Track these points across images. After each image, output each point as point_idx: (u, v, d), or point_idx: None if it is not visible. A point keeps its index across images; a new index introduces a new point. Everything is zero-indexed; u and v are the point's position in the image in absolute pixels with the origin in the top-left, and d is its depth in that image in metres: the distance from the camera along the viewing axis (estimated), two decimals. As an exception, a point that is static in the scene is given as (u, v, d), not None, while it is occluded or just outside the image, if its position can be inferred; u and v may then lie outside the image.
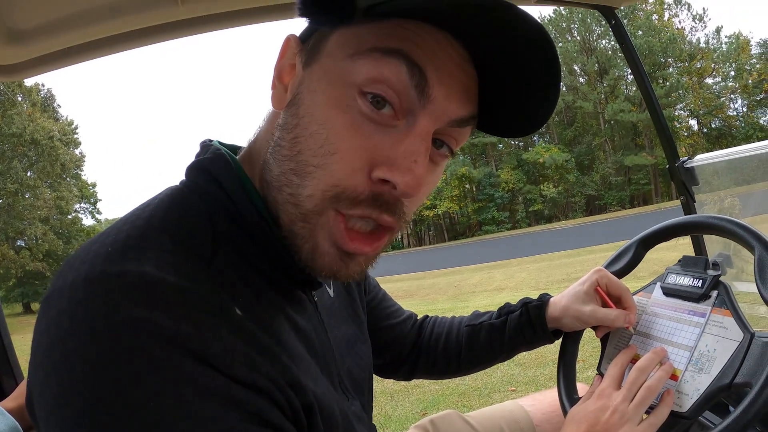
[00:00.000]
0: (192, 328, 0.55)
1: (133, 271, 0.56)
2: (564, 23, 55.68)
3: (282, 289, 0.74)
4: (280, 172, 0.68)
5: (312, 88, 0.67)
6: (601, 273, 1.17)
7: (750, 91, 48.80)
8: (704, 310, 1.05)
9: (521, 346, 1.25)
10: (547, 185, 54.48)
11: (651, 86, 1.92)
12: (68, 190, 38.75)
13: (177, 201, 0.69)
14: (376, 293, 1.25)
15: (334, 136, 0.64)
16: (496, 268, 17.30)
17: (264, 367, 0.60)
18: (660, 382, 0.97)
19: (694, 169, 1.94)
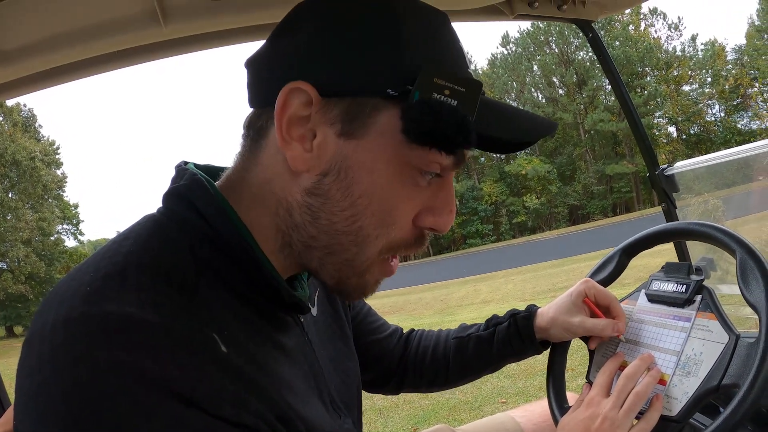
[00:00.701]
0: (177, 370, 0.54)
1: (115, 313, 0.55)
2: (542, 36, 56.22)
3: (268, 313, 0.74)
4: (335, 242, 0.71)
5: (368, 167, 0.68)
6: (589, 284, 1.19)
7: (727, 96, 49.52)
8: (689, 314, 1.06)
9: (509, 357, 1.25)
10: (529, 197, 54.72)
11: (629, 96, 1.95)
12: (50, 211, 38.43)
13: (155, 232, 0.68)
14: (361, 308, 1.25)
15: (397, 211, 0.71)
16: (482, 281, 17.33)
17: (252, 405, 0.60)
18: (648, 387, 0.98)
19: (674, 176, 1.97)
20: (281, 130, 0.68)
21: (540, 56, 57.04)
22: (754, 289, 0.97)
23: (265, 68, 0.73)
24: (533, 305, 1.27)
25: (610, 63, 1.92)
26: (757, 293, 0.97)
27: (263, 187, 0.73)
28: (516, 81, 57.82)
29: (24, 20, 1.18)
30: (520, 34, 57.96)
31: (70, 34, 1.25)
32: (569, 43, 54.41)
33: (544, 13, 1.76)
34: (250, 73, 0.75)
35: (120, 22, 1.26)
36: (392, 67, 0.65)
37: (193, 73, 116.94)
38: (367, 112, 0.66)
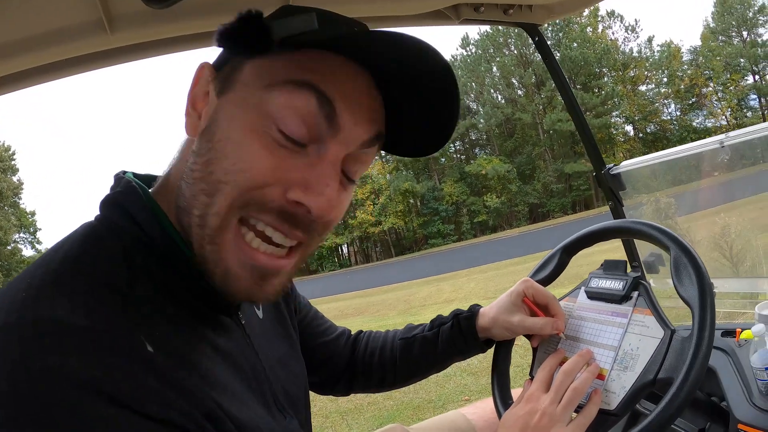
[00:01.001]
0: (104, 372, 0.56)
1: (47, 318, 0.57)
2: (501, 38, 56.77)
3: (204, 316, 0.75)
4: (192, 195, 0.70)
5: (229, 115, 0.70)
6: (528, 283, 1.21)
7: (682, 95, 50.89)
8: (626, 310, 1.10)
9: (454, 356, 1.28)
10: (490, 196, 55.16)
11: (575, 98, 1.98)
12: (6, 220, 37.48)
13: (91, 239, 0.70)
14: (307, 312, 1.27)
15: (248, 156, 0.67)
16: (445, 281, 17.39)
17: (177, 403, 0.61)
18: (586, 382, 1.01)
19: (620, 175, 2.01)
20: (187, 105, 0.73)
21: (499, 58, 57.69)
22: (687, 286, 1.01)
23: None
24: (476, 305, 1.30)
25: (555, 65, 1.96)
26: (689, 289, 1.00)
27: (175, 171, 0.76)
28: (475, 82, 58.25)
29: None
30: (480, 36, 58.51)
31: (16, 43, 1.24)
32: (528, 45, 55.01)
33: (490, 18, 1.79)
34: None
35: (66, 30, 1.25)
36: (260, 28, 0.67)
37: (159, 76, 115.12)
38: (237, 67, 0.72)
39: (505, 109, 56.77)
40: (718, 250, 2.83)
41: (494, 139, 59.62)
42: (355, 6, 1.49)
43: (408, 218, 57.37)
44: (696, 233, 2.72)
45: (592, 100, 51.04)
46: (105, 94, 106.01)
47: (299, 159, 0.69)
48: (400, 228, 58.93)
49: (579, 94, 50.91)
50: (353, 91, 0.72)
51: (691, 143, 1.87)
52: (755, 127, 1.61)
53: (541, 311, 1.19)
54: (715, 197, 2.56)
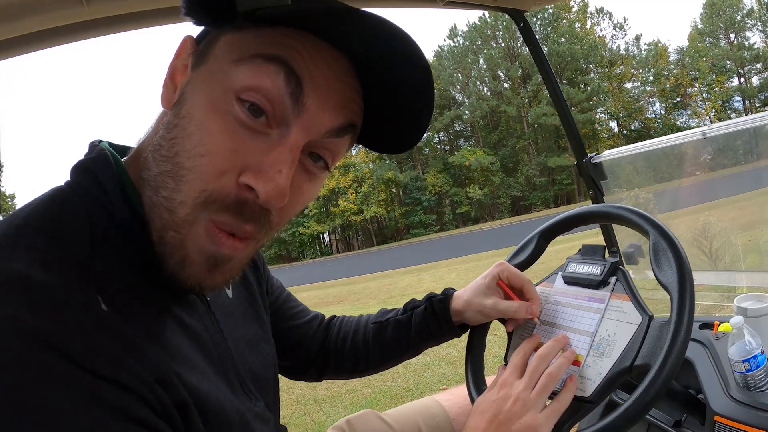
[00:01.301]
0: (54, 325, 0.55)
1: (2, 269, 0.56)
2: (489, 30, 56.85)
3: (168, 289, 0.73)
4: (158, 173, 0.68)
5: (195, 89, 0.68)
6: (503, 266, 1.20)
7: (667, 94, 51.43)
8: (603, 296, 1.08)
9: (428, 340, 1.25)
10: (473, 187, 55.37)
11: (558, 86, 1.97)
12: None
13: (57, 201, 0.68)
14: (280, 294, 1.24)
15: (208, 138, 0.65)
16: (426, 270, 17.43)
17: (128, 363, 0.59)
18: (561, 368, 0.99)
19: (602, 164, 2.01)
20: (166, 77, 0.72)
21: (487, 50, 57.68)
22: (666, 270, 0.99)
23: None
24: (450, 288, 1.27)
25: (540, 53, 1.94)
26: (668, 274, 0.98)
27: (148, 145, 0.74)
28: (462, 74, 58.29)
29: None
30: (468, 27, 58.50)
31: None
32: (516, 38, 55.16)
33: (475, 1, 1.76)
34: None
35: (40, 1, 1.22)
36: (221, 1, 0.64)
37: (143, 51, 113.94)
38: (212, 41, 0.70)
39: (491, 102, 56.90)
40: (697, 247, 2.85)
41: (479, 130, 59.79)
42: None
43: (390, 207, 57.48)
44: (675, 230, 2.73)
45: (577, 95, 51.29)
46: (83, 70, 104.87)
47: (259, 141, 0.67)
48: (382, 217, 59.06)
49: (565, 89, 51.16)
50: (325, 73, 0.68)
51: (674, 134, 1.86)
52: (737, 119, 1.61)
53: (516, 295, 1.18)
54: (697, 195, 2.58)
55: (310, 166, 0.73)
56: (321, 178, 0.76)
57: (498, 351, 4.34)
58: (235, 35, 0.67)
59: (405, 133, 0.80)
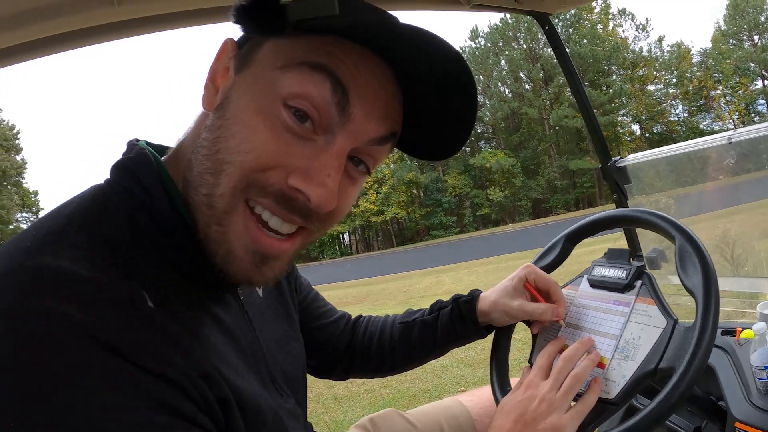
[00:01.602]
0: (101, 319, 0.56)
1: (48, 265, 0.57)
2: (510, 32, 56.65)
3: (204, 287, 0.75)
4: (198, 172, 0.70)
5: (241, 93, 0.69)
6: (530, 268, 1.21)
7: (690, 97, 50.69)
8: (629, 299, 1.09)
9: (454, 341, 1.27)
10: (493, 189, 55.12)
11: (583, 89, 1.97)
12: (9, 199, 37.53)
13: (98, 200, 0.70)
14: (308, 293, 1.26)
15: (254, 137, 0.67)
16: (445, 272, 17.39)
17: (174, 359, 0.61)
18: (586, 370, 1.00)
19: (626, 168, 2.01)
20: (207, 79, 0.73)
21: (508, 51, 57.45)
22: (692, 275, 1.00)
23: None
24: (477, 290, 1.29)
25: (565, 56, 1.95)
26: (694, 278, 0.99)
27: (190, 147, 0.75)
28: (483, 75, 58.08)
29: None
30: (490, 28, 58.30)
31: (20, 14, 1.23)
32: (537, 39, 54.88)
33: (501, 4, 1.77)
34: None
35: (72, 2, 1.24)
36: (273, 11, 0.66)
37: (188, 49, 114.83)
38: (256, 46, 0.71)
39: (512, 103, 56.66)
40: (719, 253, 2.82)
41: (500, 132, 59.54)
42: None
43: (410, 209, 57.40)
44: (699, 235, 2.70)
45: (599, 97, 50.86)
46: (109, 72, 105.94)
47: (305, 146, 0.68)
48: (402, 218, 58.99)
49: (587, 91, 50.14)
50: (370, 83, 0.70)
51: (698, 138, 1.85)
52: (764, 124, 1.60)
53: (543, 297, 1.18)
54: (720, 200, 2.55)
55: (352, 171, 0.75)
56: (361, 181, 0.78)
57: (518, 354, 4.33)
58: (280, 42, 0.69)
59: (447, 139, 0.82)
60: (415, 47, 0.68)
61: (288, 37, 0.67)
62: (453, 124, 0.79)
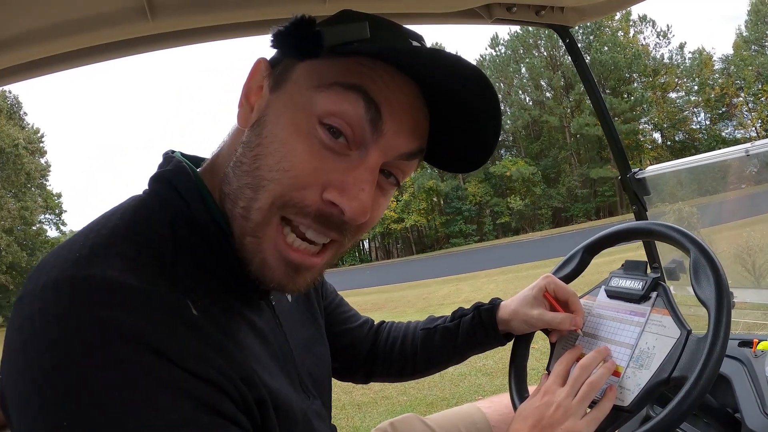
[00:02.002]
0: (151, 326, 0.60)
1: (99, 275, 0.61)
2: (531, 39, 56.44)
3: (240, 293, 0.80)
4: (238, 186, 0.74)
5: (277, 111, 0.73)
6: (549, 279, 1.24)
7: (712, 104, 49.97)
8: (644, 310, 1.11)
9: (474, 348, 1.30)
10: (514, 198, 54.87)
11: (603, 101, 1.99)
12: (33, 201, 37.94)
13: (140, 211, 0.74)
14: (333, 298, 1.30)
15: (292, 155, 0.71)
16: (464, 281, 17.35)
17: (217, 362, 0.65)
18: (602, 378, 1.03)
19: (645, 179, 2.02)
20: (242, 97, 0.77)
21: (528, 59, 57.29)
22: (705, 287, 1.03)
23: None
24: (497, 298, 1.32)
25: (585, 68, 1.96)
26: (707, 290, 1.02)
27: (224, 158, 0.80)
28: (504, 83, 57.90)
29: (12, 12, 1.20)
30: (510, 36, 58.17)
31: (58, 26, 1.28)
32: (558, 47, 54.59)
33: (522, 18, 1.80)
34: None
35: (108, 15, 1.29)
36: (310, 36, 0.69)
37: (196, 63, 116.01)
38: (290, 66, 0.75)
39: (533, 111, 56.43)
40: (740, 264, 2.80)
41: (520, 140, 59.30)
42: (389, 2, 1.51)
43: (431, 216, 57.29)
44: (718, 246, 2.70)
45: (620, 105, 50.44)
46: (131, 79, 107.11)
47: (340, 161, 0.72)
48: (422, 226, 58.89)
49: (608, 98, 50.32)
50: (400, 101, 0.74)
51: (717, 150, 1.87)
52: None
53: (562, 307, 1.21)
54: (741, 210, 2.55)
55: (383, 182, 0.79)
56: (391, 192, 0.83)
57: (536, 364, 4.32)
58: (314, 63, 0.73)
59: (471, 155, 0.85)
60: (443, 69, 0.72)
61: (321, 58, 0.71)
62: (477, 142, 0.83)
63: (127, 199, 0.78)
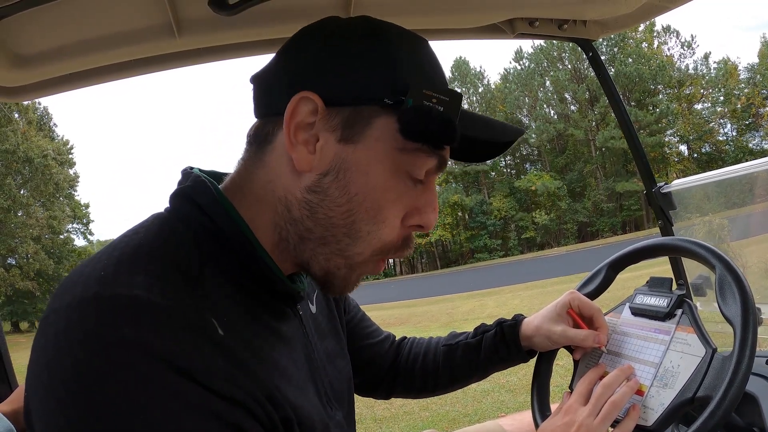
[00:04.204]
0: (177, 347, 0.60)
1: (124, 294, 0.61)
2: (555, 52, 56.32)
3: (266, 303, 0.80)
4: (330, 234, 0.78)
5: (364, 169, 0.76)
6: (573, 295, 1.22)
7: (739, 115, 49.32)
8: (669, 328, 1.09)
9: (497, 364, 1.28)
10: (539, 212, 54.60)
11: (627, 114, 1.97)
12: (61, 210, 38.58)
13: (163, 227, 0.75)
14: (356, 313, 1.29)
15: (388, 211, 0.78)
16: (489, 296, 17.28)
17: (243, 382, 0.65)
18: (625, 397, 1.01)
19: (671, 194, 1.99)
20: (289, 135, 0.76)
21: (553, 72, 57.15)
22: (731, 304, 1.00)
23: (274, 81, 0.81)
24: (520, 315, 1.30)
25: (609, 81, 1.95)
26: (732, 308, 1.00)
27: (265, 187, 0.80)
28: (528, 96, 57.87)
29: (44, 28, 1.24)
30: (534, 49, 58.15)
31: (87, 42, 1.30)
32: (582, 59, 54.32)
33: (545, 33, 1.79)
34: (257, 86, 0.84)
35: (135, 32, 1.31)
36: (387, 81, 0.75)
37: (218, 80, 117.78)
38: (364, 119, 0.75)
39: (558, 125, 56.25)
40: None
41: (545, 154, 59.14)
42: (413, 18, 1.51)
43: (455, 231, 57.25)
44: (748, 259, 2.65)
45: (646, 117, 50.08)
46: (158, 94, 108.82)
47: (414, 191, 0.80)
48: (446, 240, 58.85)
49: (633, 111, 50.00)
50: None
51: (744, 163, 1.83)
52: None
53: (586, 324, 1.20)
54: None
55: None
56: None
57: (560, 381, 4.28)
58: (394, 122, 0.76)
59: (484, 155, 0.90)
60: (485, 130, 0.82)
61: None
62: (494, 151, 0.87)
63: (148, 218, 0.79)
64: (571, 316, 1.21)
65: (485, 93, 60.91)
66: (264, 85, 0.83)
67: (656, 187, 1.99)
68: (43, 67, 1.35)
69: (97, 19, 1.26)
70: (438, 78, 0.81)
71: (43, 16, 1.19)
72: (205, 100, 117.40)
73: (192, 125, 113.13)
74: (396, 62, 0.76)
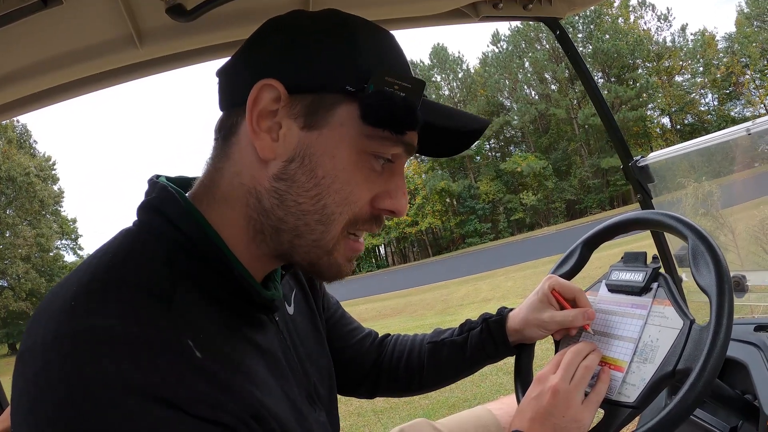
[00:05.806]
0: (158, 377, 0.60)
1: (100, 326, 0.60)
2: (532, 33, 56.37)
3: (242, 313, 0.80)
4: (302, 223, 0.78)
5: (329, 153, 0.77)
6: (552, 279, 1.21)
7: (719, 84, 49.61)
8: (645, 302, 1.09)
9: (484, 360, 1.27)
10: (526, 193, 54.82)
11: (599, 90, 1.97)
12: (48, 227, 38.46)
13: (133, 247, 0.73)
14: (335, 311, 1.27)
15: (355, 189, 0.79)
16: (482, 280, 17.31)
17: (227, 405, 0.65)
18: (595, 360, 1.03)
19: (648, 167, 1.99)
20: (252, 122, 0.76)
21: (531, 53, 57.21)
22: (705, 274, 1.00)
23: (237, 73, 0.81)
24: (504, 308, 1.29)
25: (578, 59, 1.95)
26: (707, 277, 0.99)
27: (233, 181, 0.79)
28: (508, 79, 57.93)
29: (7, 49, 1.23)
30: (511, 31, 58.17)
31: (52, 60, 1.30)
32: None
33: (510, 14, 1.78)
34: (222, 79, 0.84)
35: (98, 46, 1.31)
36: (349, 68, 0.76)
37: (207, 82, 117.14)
38: (327, 106, 0.76)
39: (539, 105, 56.40)
40: (757, 244, 2.75)
41: (529, 135, 59.31)
42: (376, 9, 1.51)
43: (445, 218, 57.40)
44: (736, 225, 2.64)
45: (626, 92, 50.26)
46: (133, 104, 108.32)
47: (383, 175, 0.82)
48: (437, 227, 58.98)
49: (613, 87, 50.19)
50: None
51: (716, 132, 1.83)
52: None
53: (570, 305, 1.18)
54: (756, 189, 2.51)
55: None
56: None
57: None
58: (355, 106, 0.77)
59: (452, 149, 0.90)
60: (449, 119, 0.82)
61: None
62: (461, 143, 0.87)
63: (118, 234, 0.77)
64: (556, 299, 1.19)
65: (465, 78, 61.13)
66: (228, 77, 0.83)
67: (632, 161, 2.00)
68: (6, 90, 1.35)
69: (57, 37, 1.25)
70: (401, 66, 0.81)
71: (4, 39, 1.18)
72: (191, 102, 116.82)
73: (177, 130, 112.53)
74: (359, 51, 0.77)
